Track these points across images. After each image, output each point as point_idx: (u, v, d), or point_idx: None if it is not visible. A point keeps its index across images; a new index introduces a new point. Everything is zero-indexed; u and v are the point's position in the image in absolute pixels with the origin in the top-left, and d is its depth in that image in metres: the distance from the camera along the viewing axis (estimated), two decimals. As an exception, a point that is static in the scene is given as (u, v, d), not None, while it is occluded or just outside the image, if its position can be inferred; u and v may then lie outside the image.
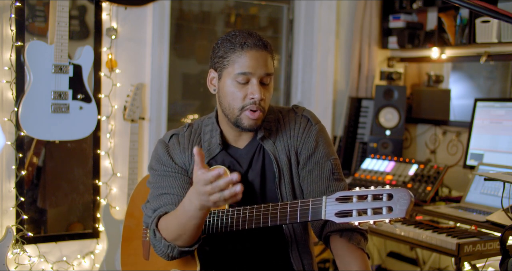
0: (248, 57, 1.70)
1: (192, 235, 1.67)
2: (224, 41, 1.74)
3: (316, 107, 3.87)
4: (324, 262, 3.63)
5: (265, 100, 1.75)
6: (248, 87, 1.72)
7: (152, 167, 1.87)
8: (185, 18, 3.70)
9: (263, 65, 1.72)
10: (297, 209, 1.57)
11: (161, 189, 1.82)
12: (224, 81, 1.75)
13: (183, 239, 1.68)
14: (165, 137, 1.90)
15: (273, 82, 1.80)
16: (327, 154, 1.83)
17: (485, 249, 2.50)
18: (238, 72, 1.71)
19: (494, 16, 1.44)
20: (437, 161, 3.69)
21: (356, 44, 3.88)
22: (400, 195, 1.40)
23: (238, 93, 1.72)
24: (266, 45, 1.73)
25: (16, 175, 2.89)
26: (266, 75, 1.73)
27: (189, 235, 1.67)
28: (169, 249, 1.71)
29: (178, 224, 1.66)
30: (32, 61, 2.80)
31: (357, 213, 1.45)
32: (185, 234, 1.66)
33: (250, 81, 1.72)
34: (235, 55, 1.71)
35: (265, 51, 1.73)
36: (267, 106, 1.77)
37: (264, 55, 1.72)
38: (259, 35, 1.76)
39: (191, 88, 3.77)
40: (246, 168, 1.83)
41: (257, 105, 1.72)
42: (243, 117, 1.74)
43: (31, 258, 2.96)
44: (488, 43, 3.19)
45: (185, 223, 1.64)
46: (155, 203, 1.80)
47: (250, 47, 1.70)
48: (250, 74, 1.71)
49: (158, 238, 1.73)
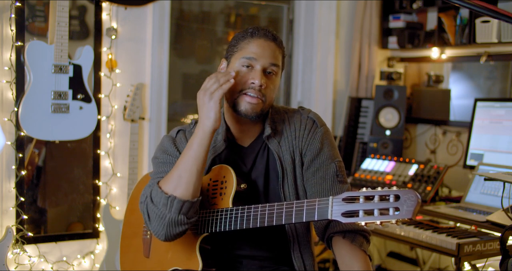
0: (256, 44, 1.76)
1: (192, 177, 1.67)
2: (239, 33, 1.82)
3: (316, 107, 3.87)
4: (324, 262, 3.63)
5: (267, 90, 1.76)
6: (251, 73, 1.75)
7: (156, 157, 1.88)
8: (185, 18, 3.70)
9: (268, 54, 1.76)
10: (303, 208, 1.57)
11: (162, 173, 1.82)
12: (231, 66, 1.80)
13: (184, 183, 1.67)
14: (171, 132, 1.93)
15: (279, 77, 1.82)
16: (332, 156, 1.83)
17: (485, 249, 2.50)
18: (243, 56, 1.76)
19: (494, 16, 1.44)
20: (437, 161, 3.69)
21: (356, 44, 3.88)
22: (407, 196, 1.40)
23: (241, 78, 1.75)
24: (275, 38, 1.79)
25: (16, 175, 2.89)
26: (271, 65, 1.76)
27: (189, 177, 1.67)
28: (168, 205, 1.66)
29: (178, 165, 1.69)
30: (32, 61, 2.80)
31: (363, 213, 1.44)
32: (185, 175, 1.67)
33: (254, 67, 1.75)
34: (244, 42, 1.78)
35: (273, 42, 1.78)
36: (269, 97, 1.78)
37: (272, 46, 1.77)
38: (273, 31, 1.82)
39: (191, 88, 3.77)
40: (249, 167, 1.84)
41: (256, 91, 1.74)
42: (241, 100, 1.76)
43: (31, 258, 2.96)
44: (488, 43, 3.19)
45: (186, 161, 1.68)
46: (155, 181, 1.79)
47: (259, 36, 1.77)
48: (254, 60, 1.75)
49: (157, 197, 1.69)
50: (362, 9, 3.85)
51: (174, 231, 1.69)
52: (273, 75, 1.78)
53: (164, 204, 1.67)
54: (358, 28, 3.87)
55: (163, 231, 1.69)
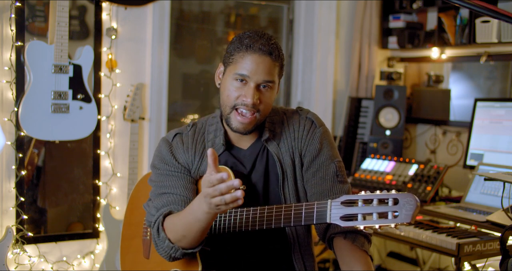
0: (250, 60, 1.71)
1: (196, 237, 1.67)
2: (236, 39, 1.75)
3: (316, 107, 3.87)
4: (324, 262, 3.63)
5: (261, 106, 1.74)
6: (244, 89, 1.72)
7: (155, 166, 1.87)
8: (185, 18, 3.70)
9: (262, 71, 1.71)
10: (302, 211, 1.57)
11: (163, 188, 1.81)
12: (226, 78, 1.77)
13: (187, 241, 1.68)
14: (168, 135, 1.90)
15: (275, 90, 1.79)
16: (331, 156, 1.83)
17: (485, 249, 2.50)
18: (236, 72, 1.72)
19: (494, 16, 1.44)
20: (437, 161, 3.69)
21: (356, 44, 3.88)
22: (406, 200, 1.39)
23: (234, 93, 1.73)
24: (271, 52, 1.72)
25: (16, 175, 2.89)
26: (265, 82, 1.72)
27: (193, 237, 1.66)
28: (172, 250, 1.70)
29: (184, 224, 1.66)
30: (32, 61, 2.80)
31: (362, 217, 1.44)
32: (190, 235, 1.66)
33: (247, 84, 1.72)
34: (238, 55, 1.72)
35: (268, 57, 1.71)
36: (264, 110, 1.76)
37: (267, 61, 1.71)
38: (271, 40, 1.73)
39: (191, 88, 3.77)
40: (249, 169, 1.83)
41: (250, 108, 1.72)
42: (232, 117, 1.75)
43: (31, 258, 2.96)
44: (488, 43, 3.19)
45: (191, 224, 1.63)
46: (158, 201, 1.80)
47: (254, 51, 1.70)
48: (247, 77, 1.71)
49: (162, 238, 1.72)
50: (362, 9, 3.85)
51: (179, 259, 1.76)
52: (268, 89, 1.75)
53: (168, 247, 1.71)
54: (358, 28, 3.87)
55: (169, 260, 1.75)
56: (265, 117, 1.81)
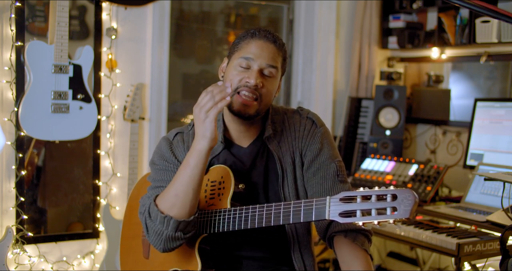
0: (254, 45, 1.76)
1: (188, 198, 1.66)
2: (242, 33, 1.82)
3: (316, 107, 3.87)
4: (324, 262, 3.63)
5: (263, 90, 1.75)
6: (248, 72, 1.75)
7: (154, 162, 1.88)
8: (185, 18, 3.70)
9: (266, 55, 1.75)
10: (301, 208, 1.57)
11: (160, 182, 1.82)
12: (230, 65, 1.80)
13: (180, 202, 1.67)
14: (169, 134, 1.92)
15: (277, 80, 1.81)
16: (332, 156, 1.83)
17: (485, 249, 2.50)
18: (241, 56, 1.76)
19: (494, 16, 1.44)
20: (437, 161, 3.69)
21: (356, 44, 3.88)
22: (405, 195, 1.40)
23: (237, 76, 1.75)
24: (276, 40, 1.79)
25: (16, 175, 2.90)
26: (269, 66, 1.76)
27: (185, 194, 1.66)
28: (165, 224, 1.68)
29: (174, 182, 1.68)
30: (32, 61, 2.80)
31: (361, 213, 1.44)
32: (181, 192, 1.66)
33: (251, 67, 1.75)
34: (244, 42, 1.78)
35: (273, 44, 1.78)
36: (265, 98, 1.77)
37: (271, 47, 1.77)
38: (275, 33, 1.81)
39: (191, 88, 3.77)
40: (249, 167, 1.83)
41: (252, 90, 1.73)
42: (235, 100, 1.75)
43: (31, 258, 2.96)
44: (488, 43, 3.19)
45: (181, 175, 1.66)
46: (152, 192, 1.80)
47: (259, 37, 1.77)
48: (252, 60, 1.75)
49: (154, 216, 1.70)
50: (362, 9, 3.85)
51: (171, 245, 1.72)
52: (271, 77, 1.77)
53: (160, 222, 1.69)
54: (358, 28, 3.87)
55: (161, 246, 1.72)
56: (266, 108, 1.82)
